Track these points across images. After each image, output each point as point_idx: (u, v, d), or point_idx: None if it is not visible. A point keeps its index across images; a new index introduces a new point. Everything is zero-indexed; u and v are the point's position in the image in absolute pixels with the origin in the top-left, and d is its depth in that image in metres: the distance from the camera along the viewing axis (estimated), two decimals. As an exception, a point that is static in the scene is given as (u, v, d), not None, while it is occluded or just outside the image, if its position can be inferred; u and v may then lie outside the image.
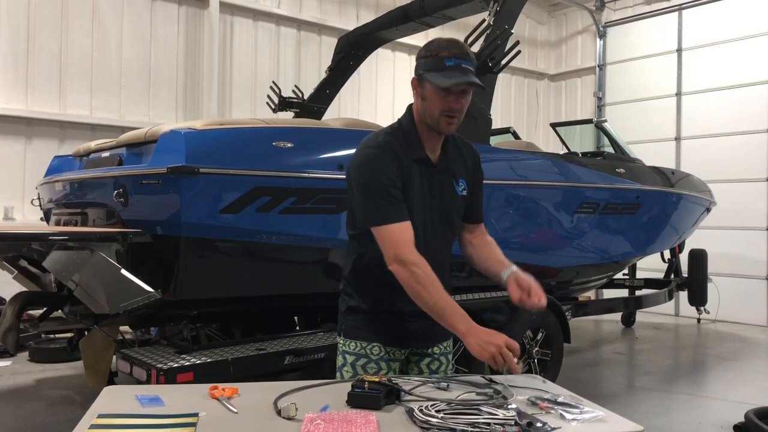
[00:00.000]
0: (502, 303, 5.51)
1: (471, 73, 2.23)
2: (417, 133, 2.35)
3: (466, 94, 2.27)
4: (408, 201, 2.29)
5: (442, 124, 2.28)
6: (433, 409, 1.83)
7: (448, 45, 2.27)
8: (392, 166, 2.27)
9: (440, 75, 2.21)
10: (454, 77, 2.20)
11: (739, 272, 10.61)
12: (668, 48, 11.95)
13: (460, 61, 2.22)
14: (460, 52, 2.25)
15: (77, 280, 4.11)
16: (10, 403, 5.43)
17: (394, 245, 2.22)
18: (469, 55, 2.27)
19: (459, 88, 2.22)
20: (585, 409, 1.93)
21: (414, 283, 2.19)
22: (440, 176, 2.39)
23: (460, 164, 2.45)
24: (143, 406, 1.92)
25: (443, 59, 2.23)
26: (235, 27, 9.85)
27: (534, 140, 10.51)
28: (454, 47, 2.26)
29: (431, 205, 2.36)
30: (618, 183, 6.68)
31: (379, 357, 2.43)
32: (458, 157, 2.45)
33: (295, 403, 1.85)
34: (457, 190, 2.42)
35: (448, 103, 2.24)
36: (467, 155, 2.48)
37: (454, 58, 2.22)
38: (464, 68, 2.22)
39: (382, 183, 2.24)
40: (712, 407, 5.84)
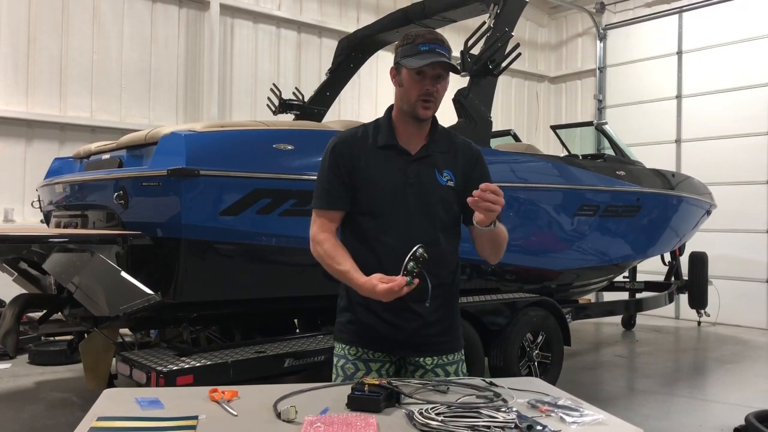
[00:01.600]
0: (502, 306, 5.51)
1: (445, 57, 2.27)
2: (391, 123, 2.40)
3: (441, 79, 2.31)
4: (371, 184, 2.34)
5: (418, 109, 2.31)
6: (433, 412, 1.83)
7: (423, 33, 2.34)
8: (341, 158, 2.37)
9: (415, 58, 2.26)
10: (428, 58, 2.24)
11: (739, 275, 10.60)
12: (669, 50, 11.96)
13: (435, 46, 2.27)
14: (435, 38, 2.30)
15: (77, 283, 4.11)
16: (9, 406, 5.42)
17: (312, 229, 2.38)
18: (444, 42, 2.32)
19: (434, 72, 2.27)
20: (585, 412, 1.92)
21: (322, 259, 2.33)
22: (417, 164, 2.37)
23: (448, 158, 2.42)
24: (143, 408, 1.91)
25: (418, 45, 2.28)
26: (236, 29, 9.86)
27: (534, 143, 10.50)
28: (429, 34, 2.32)
29: (407, 192, 2.34)
30: (618, 185, 6.68)
31: (356, 357, 2.42)
32: (447, 152, 2.43)
33: (294, 405, 1.85)
34: (440, 180, 2.37)
35: (424, 86, 2.28)
36: (460, 151, 2.46)
37: (429, 43, 2.28)
38: (438, 52, 2.26)
39: (324, 173, 2.39)
40: (712, 410, 5.83)
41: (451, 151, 2.44)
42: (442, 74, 2.30)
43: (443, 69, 2.29)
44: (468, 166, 2.45)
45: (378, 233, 2.33)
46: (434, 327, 2.39)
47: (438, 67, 2.27)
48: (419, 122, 2.36)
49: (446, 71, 2.31)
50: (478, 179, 2.39)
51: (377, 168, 2.36)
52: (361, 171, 2.36)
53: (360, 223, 2.37)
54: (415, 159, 2.37)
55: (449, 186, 2.39)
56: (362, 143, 2.40)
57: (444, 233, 2.34)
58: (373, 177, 2.35)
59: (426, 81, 2.28)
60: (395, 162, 2.36)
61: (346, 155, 2.37)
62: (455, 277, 2.48)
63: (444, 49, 2.30)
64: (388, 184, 2.35)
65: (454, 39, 12.58)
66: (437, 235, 2.34)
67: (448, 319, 2.44)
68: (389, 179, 2.35)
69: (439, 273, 2.32)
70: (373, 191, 2.35)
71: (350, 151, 2.38)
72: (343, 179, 2.35)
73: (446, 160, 2.41)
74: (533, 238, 5.93)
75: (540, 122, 13.89)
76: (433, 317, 2.37)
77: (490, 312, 5.40)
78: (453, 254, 2.43)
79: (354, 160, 2.36)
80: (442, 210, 2.36)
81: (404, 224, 2.32)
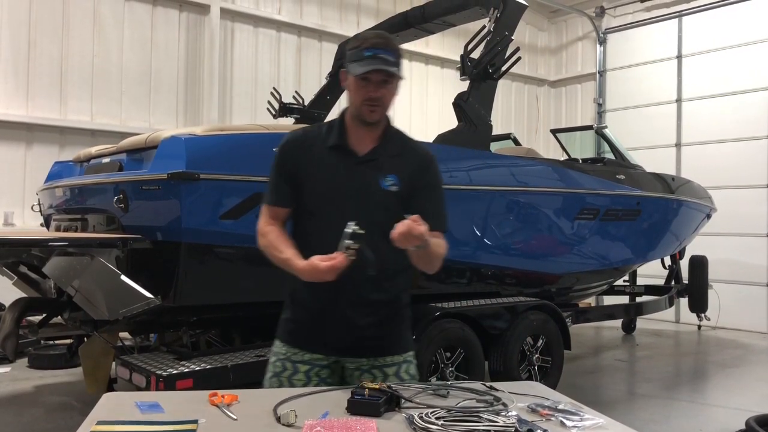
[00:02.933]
0: (502, 310, 5.51)
1: (389, 63, 2.24)
2: (344, 124, 2.38)
3: (387, 83, 2.28)
4: (313, 184, 2.36)
5: (364, 113, 2.30)
6: (433, 416, 1.83)
7: (370, 37, 2.31)
8: (286, 157, 2.41)
9: (357, 64, 2.24)
10: (368, 65, 2.22)
11: (739, 279, 10.60)
12: (668, 54, 11.97)
13: (378, 51, 2.24)
14: (381, 43, 2.27)
15: (77, 286, 4.11)
16: (9, 410, 5.41)
17: (259, 223, 2.42)
18: (390, 46, 2.28)
19: (378, 77, 2.24)
20: (585, 417, 1.92)
21: (266, 249, 2.37)
22: (363, 167, 2.34)
23: (395, 162, 2.37)
24: (142, 412, 1.91)
25: (363, 50, 2.25)
26: (236, 33, 9.88)
27: (534, 146, 10.51)
28: (375, 38, 2.29)
29: (348, 194, 2.33)
30: (618, 189, 6.68)
31: (286, 358, 2.43)
32: (395, 156, 2.38)
33: (294, 410, 1.84)
34: (382, 184, 2.33)
35: (368, 92, 2.26)
36: (411, 155, 2.42)
37: (373, 48, 2.24)
38: (382, 58, 2.23)
39: (272, 171, 2.44)
40: (712, 414, 5.83)
41: (400, 155, 2.39)
42: (387, 80, 2.27)
43: (386, 75, 2.26)
44: (416, 172, 2.39)
45: (318, 233, 2.32)
46: (371, 330, 2.36)
47: (381, 73, 2.24)
48: (368, 125, 2.34)
49: (391, 76, 2.28)
50: (423, 187, 2.38)
51: (322, 168, 2.35)
52: (305, 170, 2.36)
53: (303, 222, 2.41)
54: (361, 161, 2.35)
55: (391, 191, 2.33)
56: (312, 143, 2.40)
57: (385, 238, 2.16)
58: (316, 177, 2.35)
59: (370, 86, 2.26)
60: (341, 163, 2.35)
61: (293, 155, 2.40)
62: (403, 283, 2.45)
63: (389, 53, 2.26)
64: (329, 185, 2.35)
65: (455, 43, 12.57)
66: (376, 239, 2.21)
67: (390, 323, 2.41)
68: (331, 180, 2.34)
69: (380, 278, 2.31)
70: (315, 191, 2.36)
71: (297, 151, 2.40)
72: (287, 178, 2.38)
73: (393, 164, 2.36)
74: (533, 242, 5.93)
75: (540, 126, 13.90)
76: (371, 319, 2.35)
77: (490, 316, 5.39)
78: (398, 260, 2.30)
79: (300, 160, 2.38)
80: (382, 215, 2.25)
81: (341, 226, 2.21)
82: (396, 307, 2.44)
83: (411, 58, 11.61)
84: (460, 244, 5.30)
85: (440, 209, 2.42)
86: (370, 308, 2.35)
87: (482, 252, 5.46)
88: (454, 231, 5.25)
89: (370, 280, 2.28)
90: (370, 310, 2.35)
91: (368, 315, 2.35)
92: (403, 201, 2.32)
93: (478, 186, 5.35)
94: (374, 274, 2.22)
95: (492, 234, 5.49)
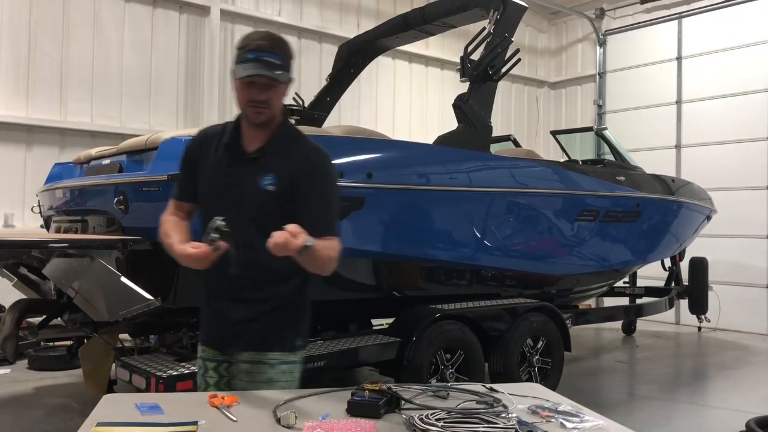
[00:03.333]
0: (502, 311, 5.51)
1: (273, 67, 2.21)
2: (239, 123, 2.39)
3: (272, 87, 2.25)
4: (203, 180, 2.41)
5: (249, 114, 2.30)
6: (433, 417, 1.83)
7: (256, 38, 2.27)
8: (189, 153, 2.49)
9: (241, 66, 2.22)
10: (249, 69, 2.20)
11: (739, 280, 10.60)
12: (668, 56, 11.98)
13: (262, 54, 2.20)
14: (265, 45, 2.23)
15: (77, 288, 4.10)
16: (8, 412, 5.41)
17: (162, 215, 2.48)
18: (275, 48, 2.24)
19: (262, 80, 2.21)
20: (586, 418, 1.92)
21: (161, 238, 2.40)
22: (248, 165, 2.33)
23: (279, 161, 2.32)
24: (142, 414, 1.91)
25: (247, 51, 2.23)
26: (236, 34, 9.86)
27: (534, 148, 10.51)
28: (261, 40, 2.25)
29: (225, 192, 2.33)
30: (618, 191, 6.68)
31: (200, 357, 2.51)
32: (281, 155, 2.33)
33: (294, 411, 1.84)
34: (261, 183, 2.29)
35: (251, 94, 2.24)
36: (297, 155, 2.34)
37: (257, 50, 2.21)
38: (265, 61, 2.20)
39: (179, 166, 2.53)
40: (713, 416, 5.82)
41: (286, 155, 2.34)
42: (272, 83, 2.23)
43: (269, 79, 2.22)
44: (300, 172, 2.31)
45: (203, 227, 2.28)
46: (249, 324, 2.36)
47: (264, 77, 2.21)
48: (258, 125, 2.32)
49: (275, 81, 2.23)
50: (308, 189, 2.30)
51: (213, 166, 2.38)
52: (201, 167, 2.41)
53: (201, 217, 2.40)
54: (247, 160, 2.34)
55: (269, 190, 2.29)
56: (212, 140, 2.42)
57: (263, 237, 2.09)
58: (206, 174, 2.40)
59: (253, 89, 2.23)
60: (229, 161, 2.35)
61: (194, 152, 2.47)
62: (289, 284, 2.39)
63: (274, 57, 2.22)
64: (214, 182, 2.38)
65: (455, 44, 12.56)
66: (253, 238, 2.21)
67: (270, 320, 2.36)
68: (216, 178, 2.37)
69: (258, 277, 2.33)
70: (203, 187, 2.41)
71: (198, 149, 2.45)
72: (189, 173, 2.46)
73: (276, 163, 2.31)
74: (533, 244, 5.93)
75: (540, 128, 13.90)
76: (248, 314, 2.35)
77: (490, 317, 5.39)
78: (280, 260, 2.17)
79: (199, 157, 2.43)
80: (258, 214, 2.27)
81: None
82: (278, 305, 2.38)
83: (411, 59, 11.62)
84: (460, 246, 5.30)
85: (327, 213, 2.34)
86: (245, 304, 2.36)
87: (482, 254, 5.46)
88: (454, 232, 5.26)
89: (249, 278, 2.31)
90: (246, 306, 2.36)
91: (245, 311, 2.36)
92: (282, 201, 2.28)
93: (478, 188, 5.35)
94: (236, 273, 2.22)
95: (492, 236, 5.49)
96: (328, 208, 2.36)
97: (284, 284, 2.39)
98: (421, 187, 4.95)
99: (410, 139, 8.76)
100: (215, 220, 2.09)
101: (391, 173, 4.77)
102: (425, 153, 5.27)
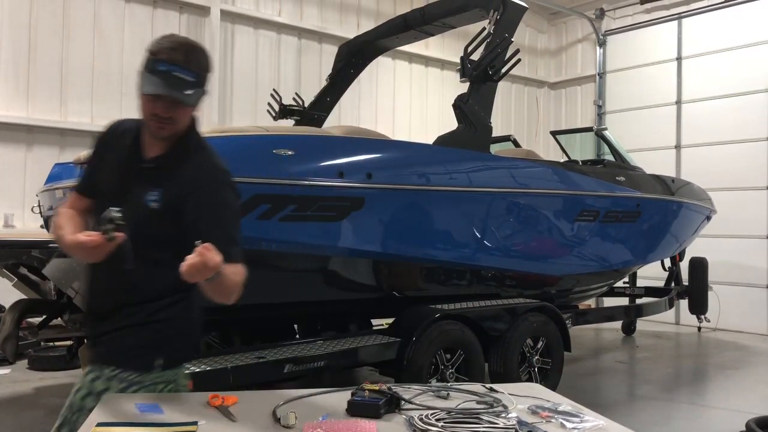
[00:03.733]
0: (502, 311, 5.51)
1: (183, 85, 1.98)
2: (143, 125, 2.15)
3: (180, 106, 2.03)
4: (101, 179, 2.20)
5: (151, 127, 2.07)
6: (434, 417, 1.83)
7: (170, 47, 2.02)
8: (97, 147, 2.27)
9: (147, 77, 2.00)
10: (155, 86, 1.98)
11: (739, 280, 10.60)
12: (668, 56, 11.98)
13: (173, 68, 1.97)
14: (179, 59, 1.99)
15: (77, 288, 4.10)
16: (8, 412, 5.41)
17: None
18: (190, 62, 2.01)
19: (168, 99, 2.00)
20: (586, 418, 1.92)
21: (54, 231, 2.16)
22: (141, 174, 2.10)
23: (170, 176, 2.09)
24: (142, 414, 1.91)
25: (158, 62, 1.99)
26: (236, 35, 9.88)
27: (534, 148, 10.52)
28: (175, 52, 2.01)
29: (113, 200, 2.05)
30: (618, 191, 6.69)
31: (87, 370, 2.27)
32: (175, 169, 2.10)
33: (294, 411, 1.84)
34: (145, 199, 2.06)
35: (155, 109, 2.02)
36: (191, 172, 2.10)
37: (169, 63, 1.98)
38: (176, 77, 1.97)
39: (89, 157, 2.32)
40: (713, 416, 5.82)
41: (180, 169, 2.10)
42: (180, 103, 2.01)
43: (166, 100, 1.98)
44: (193, 190, 2.07)
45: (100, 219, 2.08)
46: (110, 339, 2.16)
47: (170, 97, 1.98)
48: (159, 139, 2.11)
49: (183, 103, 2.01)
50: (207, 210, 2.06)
51: (112, 167, 2.16)
52: (104, 165, 2.20)
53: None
54: (141, 169, 2.12)
55: (151, 208, 2.06)
56: (125, 137, 2.19)
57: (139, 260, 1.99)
58: (105, 174, 2.18)
59: (158, 104, 2.01)
60: (125, 166, 2.14)
61: (104, 143, 2.25)
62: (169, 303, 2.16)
63: (188, 74, 1.99)
64: (108, 186, 2.15)
65: (455, 45, 12.58)
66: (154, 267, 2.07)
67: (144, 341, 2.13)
68: (110, 183, 2.15)
69: (135, 291, 2.11)
70: (100, 187, 2.20)
71: (108, 142, 2.23)
72: (95, 167, 2.26)
73: (166, 178, 2.08)
74: (533, 244, 5.93)
75: (540, 128, 13.90)
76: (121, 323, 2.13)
77: (490, 317, 5.39)
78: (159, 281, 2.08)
79: (105, 152, 2.22)
80: (138, 230, 2.00)
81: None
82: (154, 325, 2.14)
83: (411, 59, 11.62)
84: (460, 246, 5.31)
85: (228, 237, 2.08)
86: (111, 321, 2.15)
87: (482, 254, 5.46)
88: (454, 233, 5.27)
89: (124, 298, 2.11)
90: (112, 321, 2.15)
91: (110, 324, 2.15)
92: (165, 222, 2.06)
93: (478, 188, 5.35)
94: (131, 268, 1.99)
95: (492, 236, 5.49)
96: (229, 232, 2.09)
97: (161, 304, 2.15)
98: (421, 187, 4.95)
99: (410, 139, 8.77)
100: (110, 210, 1.92)
101: (390, 173, 4.77)
102: (425, 153, 5.28)
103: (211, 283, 1.89)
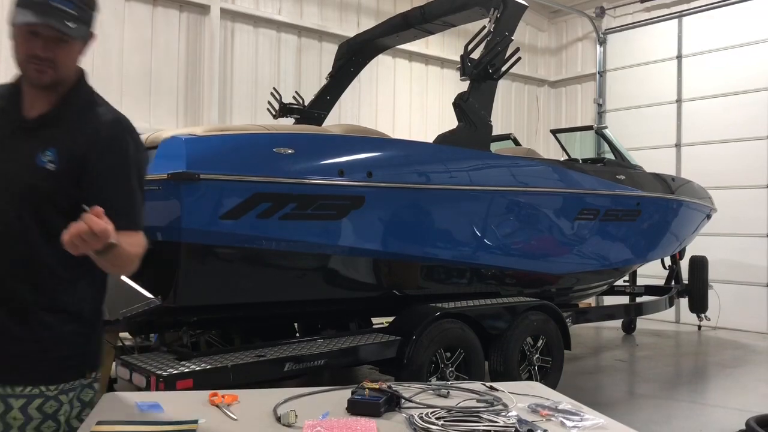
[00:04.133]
0: (502, 310, 5.51)
1: (63, 16, 1.76)
2: (21, 82, 1.91)
3: (62, 42, 1.80)
4: None
5: (29, 72, 1.83)
6: (434, 416, 1.83)
7: None
8: None
9: (21, 10, 1.76)
10: (30, 15, 1.74)
11: (739, 279, 10.60)
12: (668, 55, 11.97)
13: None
14: None
15: None
16: None
17: None
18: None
19: (46, 32, 1.77)
20: (586, 417, 1.92)
21: None
22: (24, 135, 1.86)
23: (65, 133, 1.86)
24: (143, 412, 1.91)
25: None
26: (236, 33, 9.87)
27: (534, 147, 10.52)
28: None
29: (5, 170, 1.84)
30: (618, 190, 6.69)
31: None
32: (71, 126, 1.87)
33: (294, 410, 1.84)
34: (37, 160, 1.81)
35: (32, 47, 1.78)
36: (88, 126, 1.88)
37: None
38: (54, 7, 1.75)
39: None
40: (712, 415, 5.83)
41: (76, 125, 1.88)
42: (62, 37, 1.78)
43: (58, 32, 1.76)
44: (90, 147, 1.85)
45: None
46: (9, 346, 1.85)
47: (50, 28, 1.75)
48: (41, 87, 1.86)
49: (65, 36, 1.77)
50: (97, 172, 1.84)
51: None
52: None
53: None
54: (24, 129, 1.87)
55: (47, 169, 1.81)
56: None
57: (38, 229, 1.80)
58: None
59: (36, 42, 1.78)
60: (3, 129, 1.88)
61: None
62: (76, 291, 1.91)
63: (68, 5, 1.77)
64: None
65: (455, 43, 12.55)
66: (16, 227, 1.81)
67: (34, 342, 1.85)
68: None
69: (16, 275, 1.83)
70: None
71: None
72: None
73: (60, 136, 1.85)
74: (533, 243, 5.94)
75: (540, 126, 13.90)
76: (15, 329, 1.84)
77: (490, 316, 5.39)
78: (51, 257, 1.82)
79: None
80: (27, 198, 1.81)
81: None
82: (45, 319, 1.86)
83: (411, 58, 11.61)
84: (460, 245, 5.31)
85: (128, 200, 1.88)
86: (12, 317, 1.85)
87: (482, 252, 5.46)
88: (454, 231, 5.27)
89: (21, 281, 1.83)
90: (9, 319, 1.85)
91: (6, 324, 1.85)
92: (63, 183, 1.83)
93: (478, 186, 5.35)
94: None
95: (492, 234, 5.50)
96: (129, 194, 1.88)
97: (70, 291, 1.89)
98: (421, 185, 4.96)
99: (410, 137, 8.76)
100: None
101: (391, 172, 4.77)
102: (425, 152, 5.28)
103: (103, 257, 1.66)
